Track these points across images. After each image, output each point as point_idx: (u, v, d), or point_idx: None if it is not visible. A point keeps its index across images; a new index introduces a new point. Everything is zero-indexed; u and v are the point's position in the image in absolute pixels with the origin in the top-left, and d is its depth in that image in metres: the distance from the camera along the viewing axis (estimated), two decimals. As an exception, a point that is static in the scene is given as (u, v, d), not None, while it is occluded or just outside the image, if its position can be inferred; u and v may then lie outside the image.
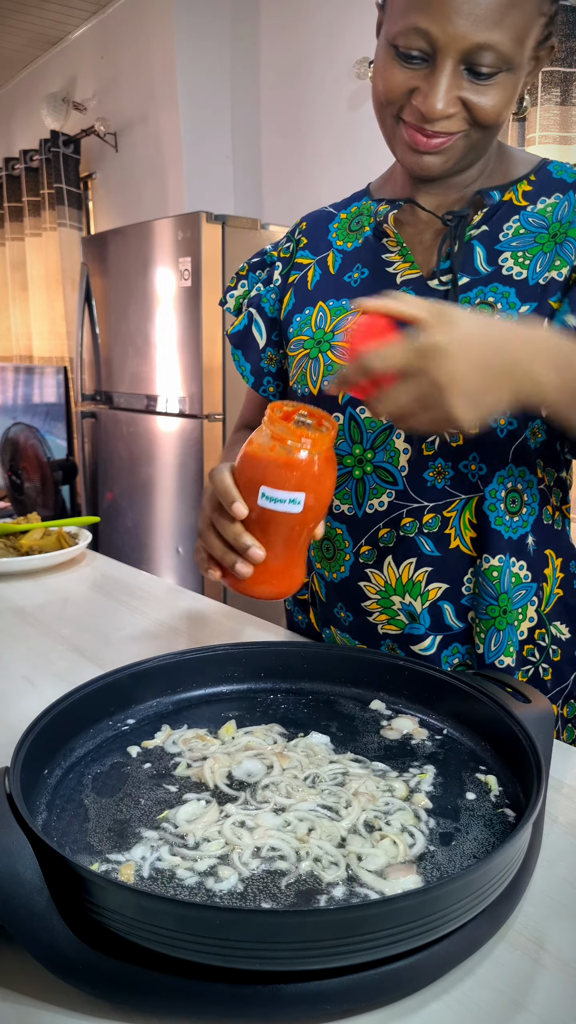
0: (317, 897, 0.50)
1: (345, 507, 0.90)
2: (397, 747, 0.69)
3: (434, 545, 0.86)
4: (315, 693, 0.78)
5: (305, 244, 0.99)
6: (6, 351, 4.84)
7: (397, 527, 0.87)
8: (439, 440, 0.84)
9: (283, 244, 1.02)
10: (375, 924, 0.43)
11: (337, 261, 0.94)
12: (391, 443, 0.86)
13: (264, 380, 1.03)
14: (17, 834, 0.47)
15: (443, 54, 0.72)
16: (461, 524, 0.85)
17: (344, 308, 0.90)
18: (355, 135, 2.86)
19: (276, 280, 1.00)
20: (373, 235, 0.92)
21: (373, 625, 0.90)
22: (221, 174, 3.49)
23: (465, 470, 0.85)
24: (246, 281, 1.04)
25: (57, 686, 0.86)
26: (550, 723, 0.66)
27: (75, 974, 0.45)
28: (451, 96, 0.73)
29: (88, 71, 3.92)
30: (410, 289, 0.86)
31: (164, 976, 0.44)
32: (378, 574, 0.89)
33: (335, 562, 0.92)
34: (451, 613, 0.88)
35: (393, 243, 0.89)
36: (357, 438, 0.88)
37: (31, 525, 1.42)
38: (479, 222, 0.85)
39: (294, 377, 0.94)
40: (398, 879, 0.51)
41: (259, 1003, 0.44)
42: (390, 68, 0.76)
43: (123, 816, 0.58)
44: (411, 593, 0.87)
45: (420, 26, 0.71)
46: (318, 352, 0.90)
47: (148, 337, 2.92)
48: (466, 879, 0.45)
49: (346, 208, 0.98)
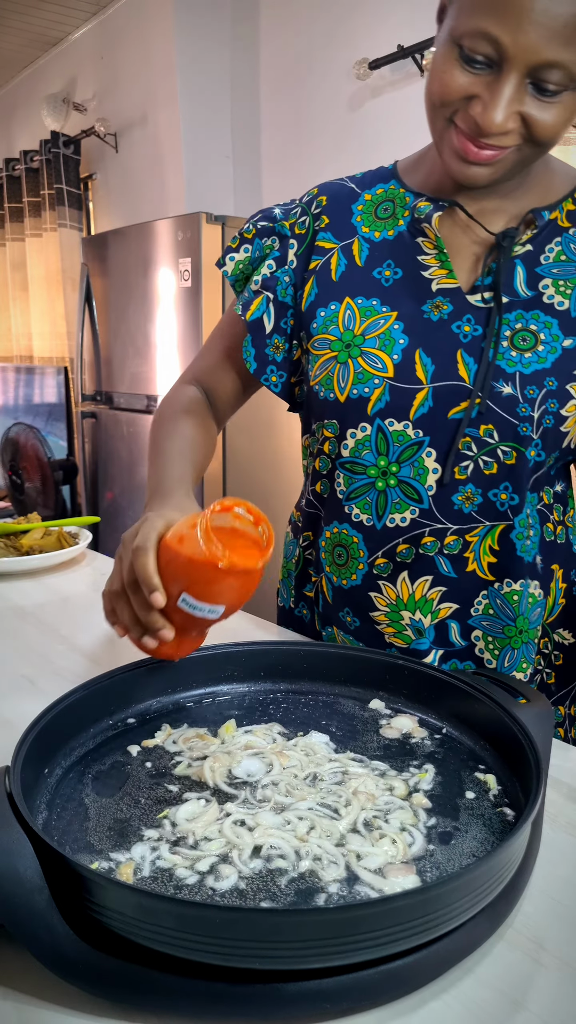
0: (317, 896, 0.50)
1: (364, 517, 0.88)
2: (396, 746, 0.69)
3: (452, 566, 0.85)
4: (315, 693, 0.78)
5: (327, 224, 0.91)
6: (7, 351, 4.84)
7: (417, 544, 0.85)
8: (472, 465, 0.82)
9: (297, 216, 0.93)
10: (375, 923, 0.43)
11: (364, 251, 0.88)
12: (420, 460, 0.84)
13: (268, 369, 0.96)
14: (17, 833, 0.47)
15: (510, 65, 0.67)
16: (481, 549, 0.84)
17: (375, 309, 0.85)
18: (355, 135, 2.86)
19: (291, 261, 0.92)
20: (408, 231, 0.86)
21: (379, 633, 0.90)
22: (221, 174, 3.49)
23: (494, 498, 0.83)
24: (249, 246, 0.95)
25: (57, 686, 0.87)
26: (549, 722, 0.66)
27: (75, 973, 0.45)
28: (511, 110, 0.69)
29: (88, 72, 3.92)
30: (447, 299, 0.83)
31: (164, 975, 0.44)
32: (391, 587, 0.87)
33: (347, 569, 0.90)
34: (456, 631, 0.87)
35: (431, 245, 0.85)
36: (383, 450, 0.85)
37: (31, 525, 1.42)
38: (524, 241, 0.82)
39: (317, 379, 0.89)
40: (397, 878, 0.51)
41: (259, 1002, 0.44)
42: (450, 68, 0.71)
43: (123, 815, 0.58)
44: (422, 610, 0.86)
45: (490, 32, 0.66)
46: (347, 357, 0.85)
47: (148, 337, 2.92)
48: (465, 878, 0.45)
49: (370, 188, 0.91)
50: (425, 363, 0.82)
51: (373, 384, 0.84)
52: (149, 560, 0.65)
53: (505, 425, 0.81)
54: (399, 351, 0.83)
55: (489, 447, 0.82)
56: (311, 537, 0.99)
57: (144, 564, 0.64)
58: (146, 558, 0.64)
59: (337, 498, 0.90)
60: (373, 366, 0.84)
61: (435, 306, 0.84)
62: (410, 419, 0.83)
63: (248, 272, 0.96)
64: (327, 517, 0.93)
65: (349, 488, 0.88)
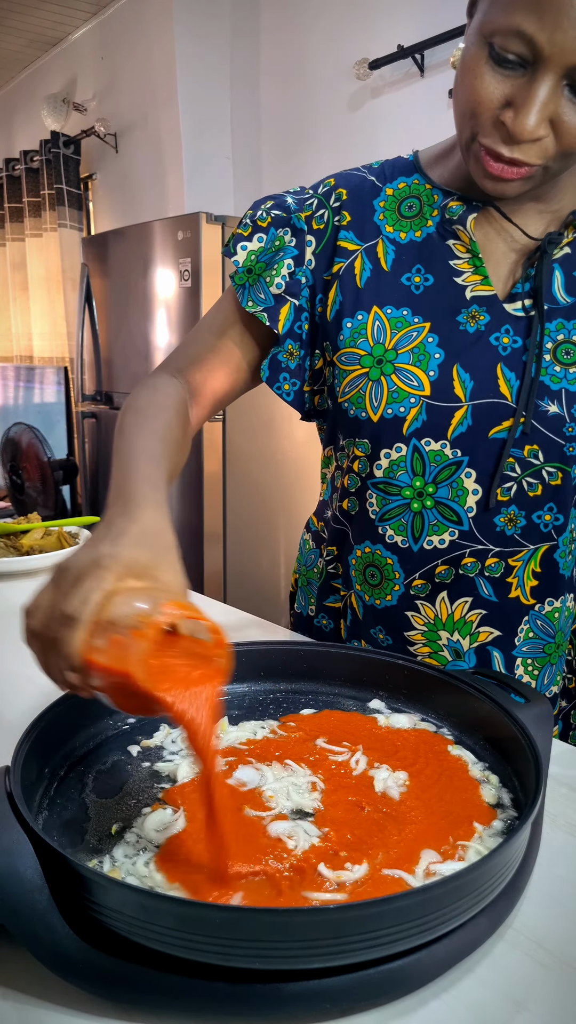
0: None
1: (399, 539, 0.84)
2: (397, 747, 0.69)
3: (493, 590, 0.82)
4: (315, 693, 0.78)
5: (348, 222, 0.84)
6: (7, 351, 4.84)
7: (457, 566, 0.82)
8: (516, 487, 0.79)
9: (315, 209, 0.85)
10: (375, 923, 0.43)
11: (389, 254, 0.82)
12: (459, 481, 0.80)
13: (281, 376, 0.88)
14: (18, 833, 0.47)
15: (546, 67, 0.62)
16: (525, 574, 0.81)
17: (407, 320, 0.80)
18: (355, 135, 2.86)
19: (309, 261, 0.85)
20: (438, 233, 0.81)
21: (412, 654, 0.87)
22: (221, 174, 3.50)
23: (539, 520, 0.80)
24: (264, 236, 0.85)
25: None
26: (549, 722, 0.66)
27: (75, 973, 0.45)
28: (545, 115, 0.64)
29: (88, 72, 3.92)
30: (483, 308, 0.78)
31: (164, 975, 0.44)
32: (429, 607, 0.84)
33: (380, 589, 0.87)
34: (499, 661, 0.84)
35: (463, 249, 0.79)
36: (419, 470, 0.81)
37: (31, 525, 1.42)
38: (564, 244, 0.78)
39: (347, 396, 0.83)
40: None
41: (259, 1002, 0.44)
42: (479, 68, 0.66)
43: (124, 815, 0.58)
44: (460, 631, 0.83)
45: (525, 30, 0.61)
46: (380, 374, 0.80)
47: (148, 337, 2.93)
48: (465, 878, 0.45)
49: (391, 182, 0.84)
50: (463, 379, 0.78)
51: (409, 403, 0.79)
52: (75, 636, 0.48)
53: (551, 446, 0.77)
54: (435, 367, 0.78)
55: (533, 468, 0.78)
56: (335, 552, 0.95)
57: (69, 640, 0.48)
58: (73, 634, 0.48)
59: (369, 518, 0.86)
60: (408, 384, 0.79)
61: (470, 316, 0.79)
62: (448, 439, 0.79)
63: (258, 265, 0.85)
64: (356, 536, 0.89)
65: (383, 509, 0.84)
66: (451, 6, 2.45)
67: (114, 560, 0.51)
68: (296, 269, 0.84)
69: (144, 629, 0.48)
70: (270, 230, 0.85)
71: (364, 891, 0.49)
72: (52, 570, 0.53)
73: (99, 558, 0.51)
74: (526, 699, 0.68)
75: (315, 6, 2.93)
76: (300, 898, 0.48)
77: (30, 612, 0.52)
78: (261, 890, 0.49)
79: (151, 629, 0.49)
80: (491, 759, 0.66)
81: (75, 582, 0.50)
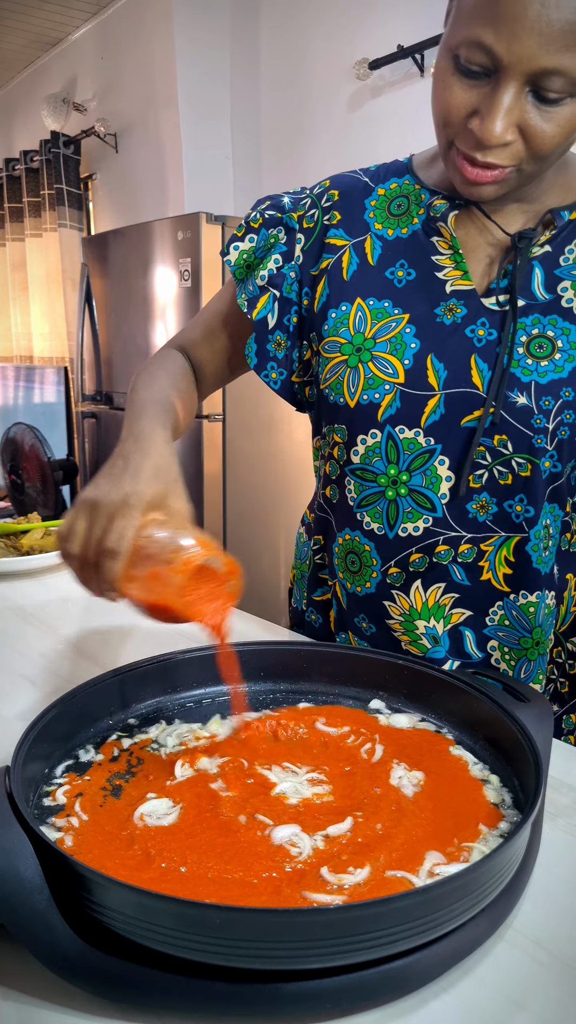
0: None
1: (375, 526, 0.86)
2: (397, 747, 0.69)
3: (465, 574, 0.83)
4: (315, 693, 0.78)
5: (338, 221, 0.87)
6: (7, 351, 4.85)
7: (431, 553, 0.83)
8: (487, 475, 0.80)
9: (307, 208, 0.90)
10: (375, 923, 0.43)
11: (376, 249, 0.85)
12: (432, 468, 0.81)
13: (268, 365, 0.93)
14: (17, 833, 0.47)
15: (507, 75, 0.65)
16: (497, 560, 0.82)
17: (387, 311, 0.83)
18: (355, 135, 2.86)
19: (297, 257, 0.89)
20: (423, 230, 0.84)
21: (396, 640, 0.88)
22: (221, 174, 3.50)
23: (509, 509, 0.81)
24: (256, 236, 0.91)
25: (57, 686, 0.87)
26: (549, 722, 0.66)
27: (75, 973, 0.45)
28: (510, 121, 0.67)
29: (88, 72, 3.92)
30: (460, 302, 0.81)
31: (164, 974, 0.44)
32: (404, 597, 0.86)
33: (360, 577, 0.88)
34: (471, 641, 0.85)
35: (446, 245, 0.82)
36: (393, 458, 0.83)
37: (31, 525, 1.42)
38: (543, 241, 0.80)
39: (327, 382, 0.86)
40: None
41: (259, 1002, 0.44)
42: (448, 80, 0.69)
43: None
44: (435, 616, 0.85)
45: (484, 41, 0.64)
46: (358, 361, 0.83)
47: (148, 337, 2.93)
48: (465, 879, 0.45)
49: (384, 183, 0.88)
50: (437, 368, 0.80)
51: (383, 390, 0.82)
52: (117, 567, 0.62)
53: (519, 437, 0.79)
54: (410, 355, 0.81)
55: (503, 458, 0.80)
56: (322, 541, 0.97)
57: (111, 569, 0.62)
58: (115, 565, 0.62)
59: (348, 505, 0.88)
60: (384, 371, 0.82)
61: (448, 309, 0.81)
62: (421, 426, 0.81)
63: (251, 261, 0.91)
64: (338, 523, 0.91)
65: (360, 495, 0.86)
66: (451, 6, 2.45)
67: (139, 498, 0.64)
68: (284, 264, 0.90)
69: (178, 565, 0.62)
70: (261, 230, 0.91)
71: (367, 892, 0.49)
72: (81, 501, 0.65)
73: (127, 496, 0.64)
74: (526, 699, 0.68)
75: (315, 6, 2.93)
76: (300, 898, 0.48)
77: (66, 538, 0.64)
78: (260, 892, 0.49)
79: (185, 565, 0.62)
80: (491, 759, 0.66)
81: (109, 518, 0.63)
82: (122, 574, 0.62)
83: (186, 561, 0.62)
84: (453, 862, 0.52)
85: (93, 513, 0.64)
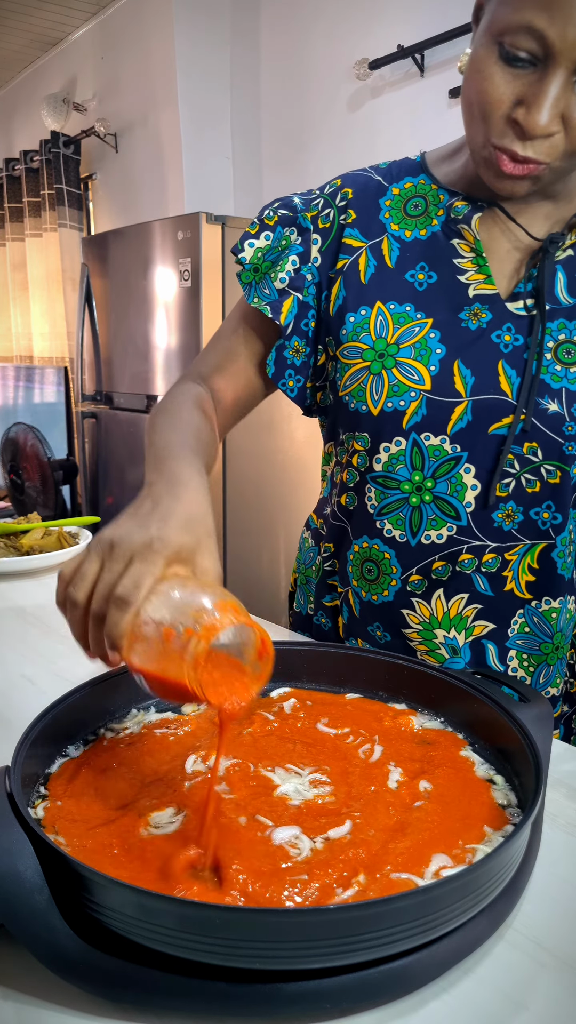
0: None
1: (397, 533, 0.84)
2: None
3: (489, 584, 0.82)
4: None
5: (354, 220, 0.85)
6: (7, 351, 4.85)
7: (454, 562, 0.82)
8: (515, 483, 0.79)
9: (320, 208, 0.87)
10: (375, 923, 0.43)
11: (394, 251, 0.83)
12: (458, 476, 0.80)
13: (286, 373, 0.90)
14: (18, 833, 0.47)
15: (557, 62, 0.62)
16: (520, 568, 0.81)
17: (409, 316, 0.81)
18: (355, 135, 2.86)
19: (315, 258, 0.86)
20: (443, 231, 0.82)
21: (411, 649, 0.87)
22: (221, 174, 3.50)
23: (536, 517, 0.80)
24: (271, 234, 0.88)
25: (57, 685, 0.87)
26: (549, 723, 0.66)
27: (75, 973, 0.45)
28: (557, 111, 0.64)
29: (88, 72, 3.92)
30: (485, 306, 0.79)
31: (164, 975, 0.44)
32: (424, 605, 0.84)
33: (378, 585, 0.87)
34: (494, 654, 0.84)
35: (468, 248, 0.80)
36: (418, 465, 0.81)
37: (31, 525, 1.42)
38: (568, 246, 0.79)
39: (347, 389, 0.84)
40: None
41: (259, 1002, 0.44)
42: (489, 68, 0.66)
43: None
44: (456, 627, 0.84)
45: (535, 25, 0.61)
46: (381, 368, 0.81)
47: (148, 337, 2.93)
48: (465, 879, 0.45)
49: (398, 182, 0.86)
50: (464, 375, 0.79)
51: (409, 397, 0.80)
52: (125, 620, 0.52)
53: (550, 444, 0.78)
54: (436, 362, 0.79)
55: (532, 465, 0.79)
56: (332, 549, 0.95)
57: (118, 623, 0.52)
58: (123, 617, 0.52)
59: (367, 512, 0.86)
60: (409, 378, 0.80)
61: (473, 314, 0.79)
62: (447, 434, 0.79)
63: (262, 263, 0.88)
64: (355, 531, 0.89)
65: (381, 503, 0.84)
66: (451, 6, 2.45)
67: (164, 544, 0.54)
68: (301, 266, 0.86)
69: (199, 631, 0.50)
70: (277, 228, 0.87)
71: (371, 892, 0.49)
72: (96, 541, 0.56)
73: (151, 541, 0.54)
74: (526, 699, 0.68)
75: (315, 6, 2.93)
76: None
77: (71, 581, 0.55)
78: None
79: (207, 632, 0.50)
80: (492, 759, 0.66)
81: (128, 563, 0.53)
82: (128, 631, 0.51)
83: (209, 627, 0.50)
84: (459, 864, 0.52)
85: (109, 554, 0.54)
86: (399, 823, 0.56)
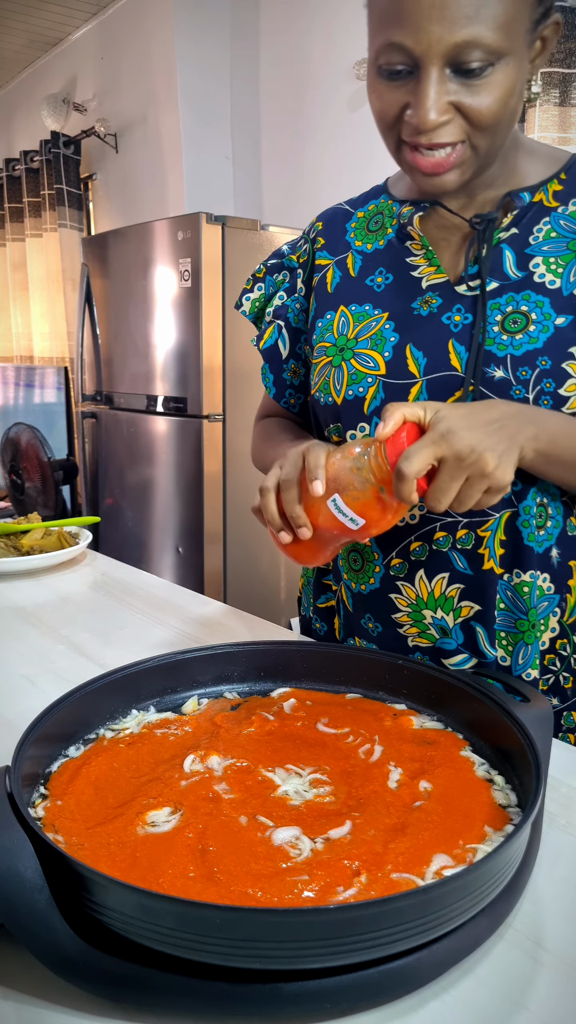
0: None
1: None
2: (397, 747, 0.69)
3: (467, 563, 0.84)
4: (315, 693, 0.78)
5: (323, 244, 0.96)
6: (7, 351, 4.85)
7: (430, 541, 0.85)
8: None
9: (300, 246, 1.00)
10: (375, 923, 0.43)
11: (357, 263, 0.91)
12: None
13: (286, 392, 1.02)
14: (18, 833, 0.47)
15: (424, 63, 0.69)
16: (495, 543, 0.83)
17: (368, 314, 0.88)
18: (355, 136, 2.86)
19: (300, 289, 0.98)
20: (396, 237, 0.89)
21: (403, 637, 0.88)
22: (221, 175, 3.50)
23: None
24: (263, 284, 1.02)
25: (57, 685, 0.87)
26: (549, 723, 0.66)
27: (75, 972, 0.45)
28: (442, 103, 0.70)
29: (88, 72, 3.92)
30: (436, 293, 0.84)
31: (164, 974, 0.44)
32: (409, 587, 0.86)
33: (364, 574, 0.90)
34: (484, 638, 0.85)
35: (418, 246, 0.87)
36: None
37: (32, 525, 1.42)
38: (508, 224, 0.83)
39: (316, 385, 0.91)
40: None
41: (259, 1001, 0.44)
42: (378, 88, 0.74)
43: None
44: (443, 608, 0.85)
45: (395, 40, 0.69)
46: (341, 360, 0.87)
47: (148, 337, 2.92)
48: (465, 878, 0.45)
49: (363, 206, 0.95)
50: (416, 356, 0.83)
51: (367, 383, 0.85)
52: (321, 456, 0.72)
53: None
54: (390, 348, 0.84)
55: None
56: None
57: (316, 456, 0.72)
58: (318, 453, 0.72)
59: None
60: (365, 365, 0.85)
61: (424, 302, 0.85)
62: None
63: (258, 311, 1.03)
64: None
65: None
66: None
67: (310, 447, 0.75)
68: (288, 298, 0.99)
69: (371, 441, 0.72)
70: (267, 278, 1.02)
71: (371, 892, 0.49)
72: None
73: (302, 449, 0.75)
74: (526, 699, 0.68)
75: (315, 6, 2.93)
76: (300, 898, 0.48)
77: (265, 481, 0.77)
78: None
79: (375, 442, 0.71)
80: (492, 759, 0.66)
81: (299, 451, 0.75)
82: (324, 463, 0.72)
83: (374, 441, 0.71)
84: (460, 864, 0.52)
85: (281, 459, 0.76)
86: (399, 823, 0.56)
